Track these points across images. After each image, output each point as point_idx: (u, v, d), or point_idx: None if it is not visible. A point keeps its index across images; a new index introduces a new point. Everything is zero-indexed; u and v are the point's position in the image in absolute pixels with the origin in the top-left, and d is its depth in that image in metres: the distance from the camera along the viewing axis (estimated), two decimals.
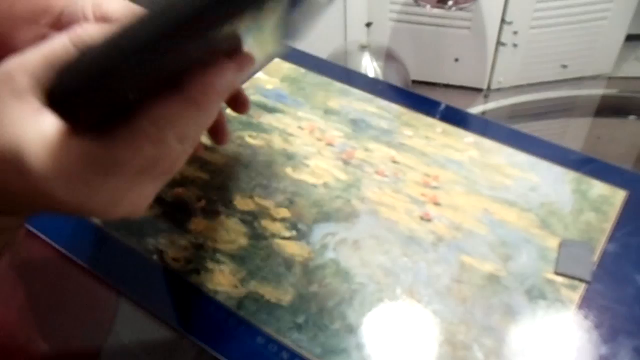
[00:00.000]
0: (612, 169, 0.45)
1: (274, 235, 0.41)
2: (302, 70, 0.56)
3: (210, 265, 0.40)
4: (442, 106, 0.51)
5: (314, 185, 0.44)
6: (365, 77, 0.65)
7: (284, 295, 0.38)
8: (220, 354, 0.35)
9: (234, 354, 0.35)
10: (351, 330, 0.36)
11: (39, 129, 0.23)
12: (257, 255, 0.40)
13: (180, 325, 0.36)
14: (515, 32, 1.12)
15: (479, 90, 1.20)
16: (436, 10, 1.08)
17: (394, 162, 0.46)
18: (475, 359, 0.34)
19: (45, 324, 0.39)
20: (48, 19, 0.33)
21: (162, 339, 0.37)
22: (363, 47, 1.01)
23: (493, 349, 0.35)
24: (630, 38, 1.16)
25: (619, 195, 0.43)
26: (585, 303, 0.37)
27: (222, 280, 0.39)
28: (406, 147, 0.48)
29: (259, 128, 0.50)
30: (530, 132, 0.48)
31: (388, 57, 1.09)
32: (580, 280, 0.38)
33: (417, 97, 0.53)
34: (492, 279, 0.38)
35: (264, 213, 0.43)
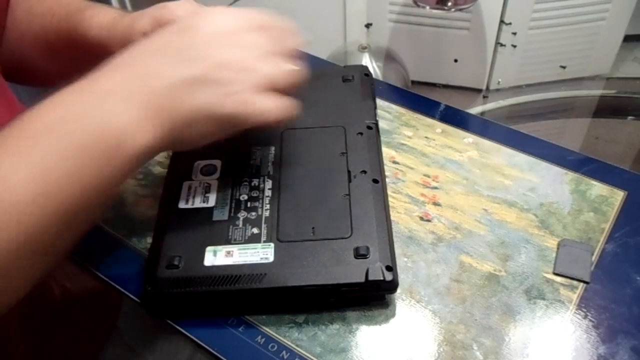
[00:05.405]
0: (610, 169, 0.45)
1: None
2: None
3: None
4: (442, 107, 0.51)
5: None
6: None
7: None
8: (220, 354, 0.35)
9: (234, 353, 0.35)
10: (351, 330, 0.36)
11: None
12: None
13: (180, 325, 0.37)
14: (514, 33, 1.12)
15: (478, 90, 1.20)
16: (435, 11, 1.08)
17: (394, 162, 0.46)
18: (474, 358, 0.34)
19: (47, 323, 0.39)
20: None
21: (163, 338, 0.37)
22: (363, 48, 1.01)
23: (492, 349, 0.35)
24: (628, 39, 1.16)
25: (617, 196, 0.43)
26: (584, 303, 0.37)
27: None
28: (406, 148, 0.48)
29: None
30: (529, 133, 0.49)
31: (388, 57, 1.09)
32: (579, 280, 0.38)
33: (416, 97, 0.53)
34: (492, 278, 0.38)
35: None
